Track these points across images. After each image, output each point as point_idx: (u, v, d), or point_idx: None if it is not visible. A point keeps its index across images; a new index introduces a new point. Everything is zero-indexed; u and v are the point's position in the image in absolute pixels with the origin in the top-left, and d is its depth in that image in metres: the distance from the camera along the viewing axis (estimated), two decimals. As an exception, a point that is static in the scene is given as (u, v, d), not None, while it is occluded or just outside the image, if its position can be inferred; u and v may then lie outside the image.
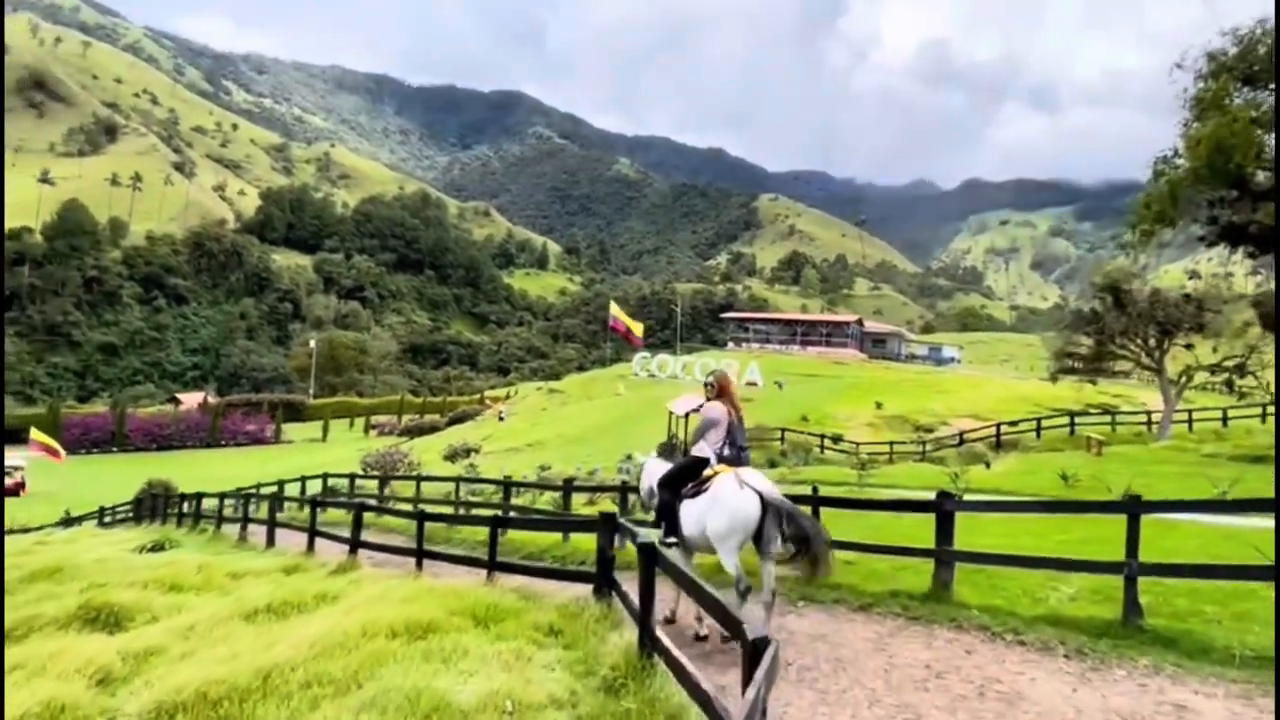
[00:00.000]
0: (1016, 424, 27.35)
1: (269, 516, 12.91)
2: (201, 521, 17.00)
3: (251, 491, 18.28)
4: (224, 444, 65.86)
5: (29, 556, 11.70)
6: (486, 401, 77.90)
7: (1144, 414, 28.41)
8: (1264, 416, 24.63)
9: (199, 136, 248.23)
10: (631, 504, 11.64)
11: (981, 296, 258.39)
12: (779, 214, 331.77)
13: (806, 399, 38.37)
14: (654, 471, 6.46)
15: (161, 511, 20.53)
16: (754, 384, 48.87)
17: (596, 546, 6.09)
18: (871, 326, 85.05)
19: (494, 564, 7.23)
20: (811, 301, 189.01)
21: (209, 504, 17.10)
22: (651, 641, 4.33)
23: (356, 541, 9.55)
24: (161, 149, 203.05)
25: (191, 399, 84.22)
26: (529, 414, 53.89)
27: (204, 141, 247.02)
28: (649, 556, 4.54)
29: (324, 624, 5.14)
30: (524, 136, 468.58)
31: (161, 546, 13.18)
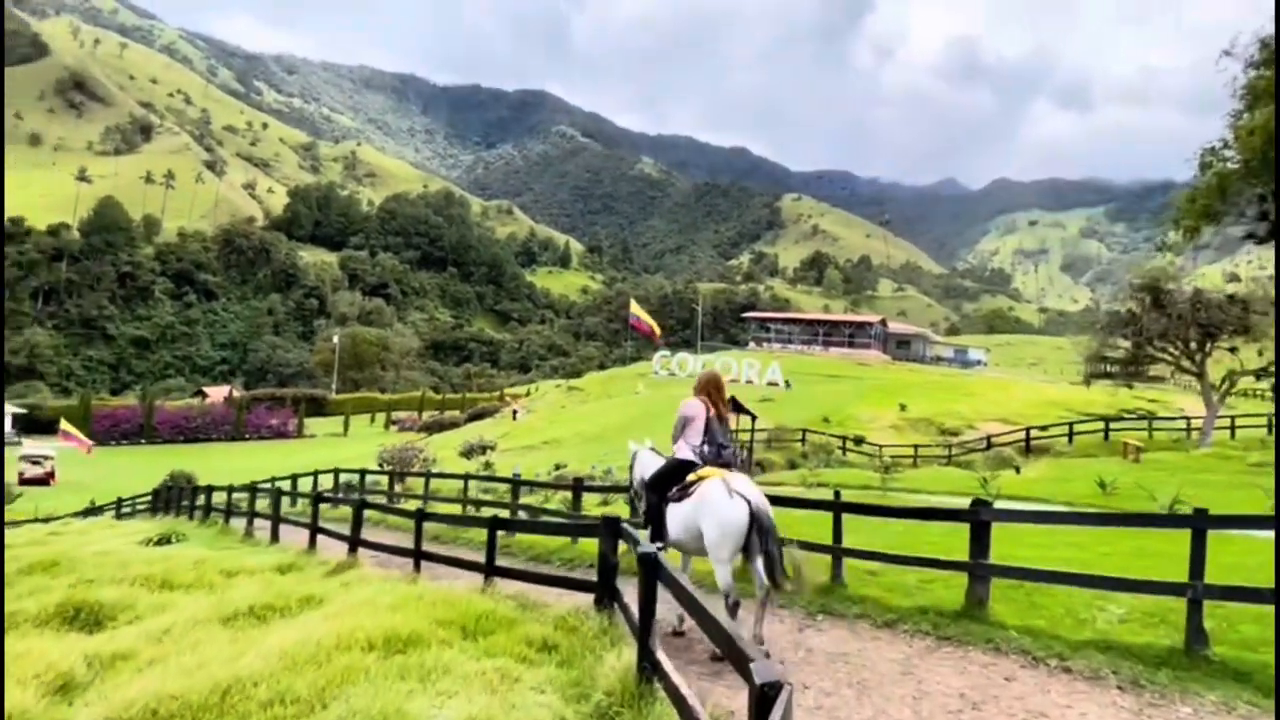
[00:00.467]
0: (1047, 428, 26.36)
1: (273, 512, 12.68)
2: (212, 514, 16.91)
3: (261, 486, 18.16)
4: (248, 437, 66.76)
5: (35, 548, 11.58)
6: (506, 399, 77.99)
7: (1183, 419, 27.37)
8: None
9: (230, 135, 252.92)
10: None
11: (1009, 298, 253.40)
12: (802, 214, 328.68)
13: (828, 400, 37.55)
14: (647, 463, 6.13)
15: (176, 504, 20.56)
16: (775, 384, 48.19)
17: (599, 553, 5.66)
18: (895, 327, 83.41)
19: (492, 568, 6.83)
20: (834, 302, 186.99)
21: (219, 498, 17.01)
22: (652, 665, 3.87)
23: (356, 540, 9.26)
24: (194, 148, 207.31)
25: (217, 393, 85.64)
26: (548, 411, 53.72)
27: (235, 140, 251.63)
28: (650, 568, 4.07)
29: (300, 632, 4.76)
30: (547, 135, 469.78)
31: (168, 540, 13.03)
